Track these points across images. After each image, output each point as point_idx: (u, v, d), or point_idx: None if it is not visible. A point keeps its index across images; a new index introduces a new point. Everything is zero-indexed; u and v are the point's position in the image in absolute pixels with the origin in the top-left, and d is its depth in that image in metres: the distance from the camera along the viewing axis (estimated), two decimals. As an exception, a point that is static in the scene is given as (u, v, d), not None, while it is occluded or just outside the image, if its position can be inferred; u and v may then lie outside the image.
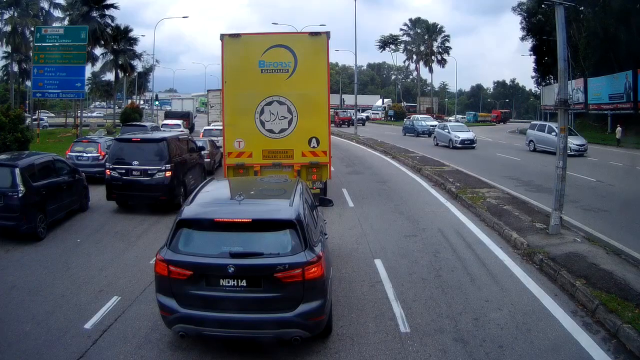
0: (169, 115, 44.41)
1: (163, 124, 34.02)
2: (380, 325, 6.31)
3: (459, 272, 8.19)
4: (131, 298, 7.15)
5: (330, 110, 13.61)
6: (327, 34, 12.84)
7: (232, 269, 5.17)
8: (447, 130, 31.52)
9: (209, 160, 18.44)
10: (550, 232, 9.75)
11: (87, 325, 6.32)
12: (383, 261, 8.62)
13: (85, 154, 16.91)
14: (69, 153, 17.07)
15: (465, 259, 8.81)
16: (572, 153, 23.52)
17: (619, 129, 33.44)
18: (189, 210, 5.83)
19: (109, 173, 12.58)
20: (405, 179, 18.29)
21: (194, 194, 6.39)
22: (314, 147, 12.91)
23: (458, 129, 31.95)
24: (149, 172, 12.41)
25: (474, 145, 30.43)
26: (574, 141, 25.29)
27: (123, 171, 12.46)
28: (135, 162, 12.46)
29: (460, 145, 29.69)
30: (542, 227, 10.30)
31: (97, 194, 13.33)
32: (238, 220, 5.52)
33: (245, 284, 5.22)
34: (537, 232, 9.99)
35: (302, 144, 12.87)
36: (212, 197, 6.52)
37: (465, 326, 6.28)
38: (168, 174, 12.43)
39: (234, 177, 12.71)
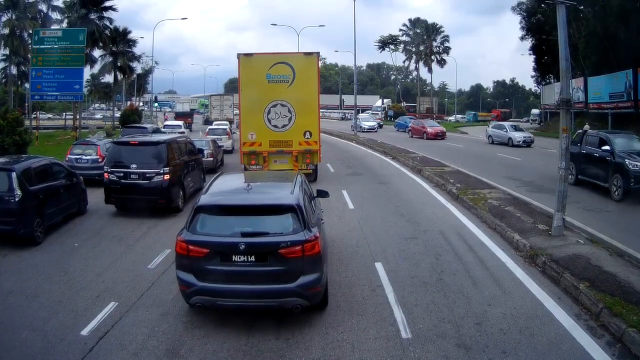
0: (178, 115, 55.82)
1: (165, 125, 34.81)
2: (381, 331, 6.21)
3: (460, 275, 8.08)
4: (128, 304, 7.05)
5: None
6: (317, 53, 17.08)
7: (243, 246, 5.98)
8: None
9: (212, 159, 19.37)
10: (553, 234, 9.64)
11: (84, 332, 6.24)
12: (384, 264, 8.50)
13: (84, 157, 16.86)
14: (69, 155, 17.03)
15: (467, 262, 8.70)
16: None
17: (587, 126, 34.33)
18: (205, 198, 6.66)
19: (107, 176, 12.47)
20: (406, 180, 18.18)
21: (208, 185, 7.32)
22: (307, 138, 16.55)
23: None
24: (147, 175, 12.31)
25: None
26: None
27: (121, 174, 12.36)
28: (134, 165, 12.36)
29: None
30: (545, 228, 10.19)
31: (96, 196, 13.21)
32: (247, 205, 6.56)
33: (254, 259, 6.03)
34: (540, 234, 9.88)
35: (299, 136, 16.49)
36: (224, 187, 7.46)
37: (467, 331, 6.18)
38: (166, 177, 12.32)
39: (247, 167, 16.51)
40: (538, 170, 20.39)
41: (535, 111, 78.28)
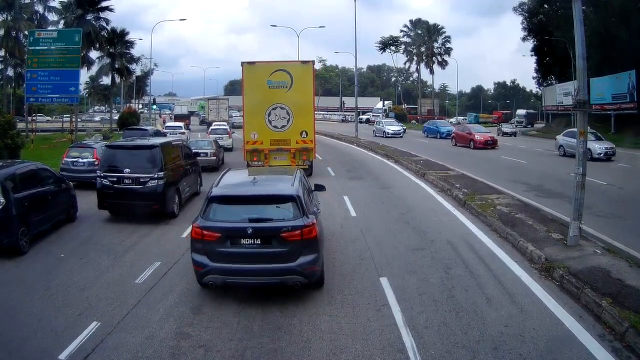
0: (177, 117, 58.86)
1: (166, 126, 36.36)
2: (388, 359, 5.61)
3: (473, 291, 7.48)
4: (111, 324, 6.48)
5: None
6: (313, 62, 19.50)
7: (250, 230, 6.84)
8: None
9: (214, 158, 20.80)
10: (569, 244, 9.05)
11: (62, 356, 5.73)
12: (389, 279, 7.89)
13: (81, 160, 16.45)
14: (65, 158, 16.67)
15: (479, 276, 8.09)
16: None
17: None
18: (217, 190, 7.52)
19: (100, 181, 11.94)
20: (410, 184, 17.60)
21: (218, 179, 8.15)
22: (304, 137, 18.32)
23: None
24: (142, 179, 11.80)
25: None
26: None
27: (115, 179, 11.84)
28: (127, 170, 11.85)
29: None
30: (559, 237, 9.61)
31: (90, 201, 12.63)
32: (254, 195, 7.49)
33: (259, 242, 6.89)
34: (555, 244, 9.30)
35: (296, 135, 18.25)
36: (233, 180, 8.36)
37: (484, 357, 5.60)
38: (161, 181, 11.80)
39: (249, 163, 18.10)
40: (544, 173, 19.85)
41: (520, 112, 75.74)
